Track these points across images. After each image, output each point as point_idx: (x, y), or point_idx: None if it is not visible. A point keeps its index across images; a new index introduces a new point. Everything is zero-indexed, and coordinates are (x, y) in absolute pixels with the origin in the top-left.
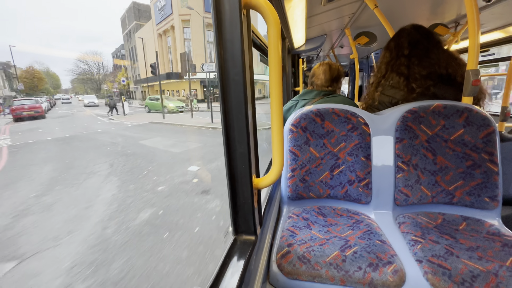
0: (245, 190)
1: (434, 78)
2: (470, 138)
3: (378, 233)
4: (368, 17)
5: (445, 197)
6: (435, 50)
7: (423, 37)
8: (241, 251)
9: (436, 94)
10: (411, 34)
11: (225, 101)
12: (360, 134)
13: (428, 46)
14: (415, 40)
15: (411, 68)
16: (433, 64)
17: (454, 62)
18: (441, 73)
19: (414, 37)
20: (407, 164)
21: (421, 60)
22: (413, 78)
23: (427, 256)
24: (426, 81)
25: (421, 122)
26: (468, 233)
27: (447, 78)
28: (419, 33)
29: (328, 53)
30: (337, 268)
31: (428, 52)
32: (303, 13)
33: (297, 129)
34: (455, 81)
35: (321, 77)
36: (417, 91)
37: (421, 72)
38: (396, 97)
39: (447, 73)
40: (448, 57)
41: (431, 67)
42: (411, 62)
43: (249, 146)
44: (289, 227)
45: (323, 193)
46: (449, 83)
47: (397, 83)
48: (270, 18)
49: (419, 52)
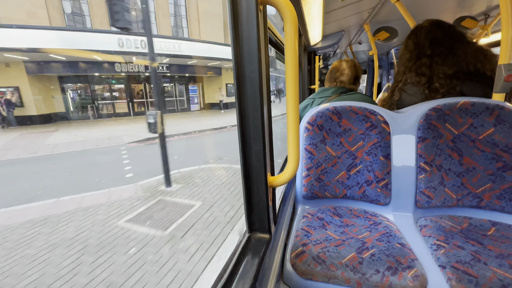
0: (260, 188)
1: (461, 76)
2: (502, 138)
3: (397, 236)
4: (388, 11)
5: (471, 200)
6: (460, 46)
7: (445, 33)
8: (255, 249)
9: (463, 92)
10: (431, 31)
11: (241, 98)
12: (379, 133)
13: (452, 43)
14: (436, 38)
15: (434, 68)
16: (460, 61)
17: (483, 55)
18: (469, 70)
19: (435, 34)
20: (430, 165)
21: (445, 58)
22: (437, 78)
23: (451, 261)
24: (452, 81)
25: (446, 120)
26: (497, 239)
27: (475, 74)
28: (440, 29)
29: (346, 49)
30: (354, 270)
31: (452, 49)
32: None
33: (313, 127)
34: (484, 77)
35: (347, 72)
36: (441, 91)
37: (447, 72)
38: (417, 97)
39: (475, 69)
40: (476, 51)
41: (457, 65)
42: (434, 61)
43: (265, 144)
44: (303, 227)
45: (339, 193)
46: (477, 80)
47: (418, 83)
48: (287, 14)
49: (443, 50)
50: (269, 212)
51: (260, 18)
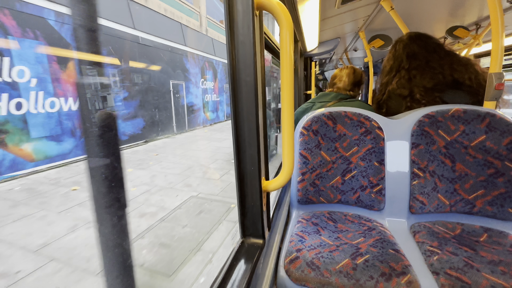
0: (254, 192)
1: (441, 88)
2: (493, 144)
3: (391, 242)
4: (383, 20)
5: (464, 207)
6: (436, 58)
7: (421, 46)
8: (249, 254)
9: (445, 101)
10: (408, 45)
11: (236, 102)
12: (373, 139)
13: (427, 55)
14: (413, 51)
15: (413, 82)
16: (437, 73)
17: (461, 65)
18: (446, 81)
19: (411, 48)
20: (423, 171)
21: (423, 72)
22: (418, 90)
23: (444, 268)
24: (433, 93)
25: (439, 127)
26: (489, 245)
27: (454, 84)
28: (416, 43)
29: (341, 56)
30: (348, 277)
31: (428, 61)
32: (316, 16)
33: (308, 132)
34: (463, 85)
35: (344, 79)
36: (423, 101)
37: (426, 85)
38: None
39: (453, 79)
40: (452, 61)
41: (435, 77)
42: (412, 75)
43: (259, 147)
44: (298, 232)
45: (333, 198)
46: (458, 88)
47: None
48: (283, 20)
49: (419, 64)
50: (263, 217)
51: (256, 23)
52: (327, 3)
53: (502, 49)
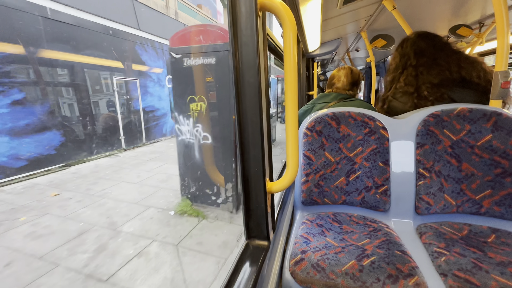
0: (258, 194)
1: (448, 84)
2: (500, 144)
3: (397, 243)
4: (385, 20)
5: (471, 207)
6: (443, 55)
7: (429, 44)
8: (254, 257)
9: (453, 99)
10: (416, 42)
11: (240, 103)
12: (378, 139)
13: (435, 52)
14: (420, 48)
15: (420, 78)
16: (444, 70)
17: (467, 63)
18: (453, 78)
19: (419, 45)
20: (429, 171)
21: (429, 68)
22: (425, 87)
23: (452, 269)
24: (439, 89)
25: (444, 126)
26: (498, 246)
27: (462, 81)
28: (424, 41)
29: (343, 56)
30: (354, 279)
31: (436, 59)
32: (318, 16)
33: (311, 133)
34: (471, 83)
35: (342, 79)
36: (430, 98)
37: (432, 81)
38: (408, 104)
39: (460, 76)
40: (460, 59)
41: (441, 74)
42: (419, 71)
43: (263, 149)
44: (302, 233)
45: (338, 199)
46: (466, 86)
47: (406, 92)
48: (286, 21)
49: (426, 61)
50: (268, 218)
51: (259, 24)
52: (329, 4)
53: (507, 47)
